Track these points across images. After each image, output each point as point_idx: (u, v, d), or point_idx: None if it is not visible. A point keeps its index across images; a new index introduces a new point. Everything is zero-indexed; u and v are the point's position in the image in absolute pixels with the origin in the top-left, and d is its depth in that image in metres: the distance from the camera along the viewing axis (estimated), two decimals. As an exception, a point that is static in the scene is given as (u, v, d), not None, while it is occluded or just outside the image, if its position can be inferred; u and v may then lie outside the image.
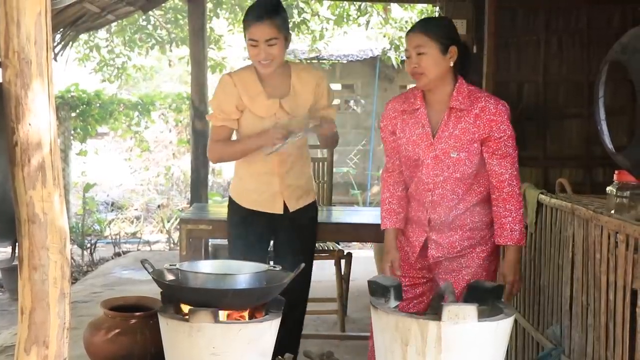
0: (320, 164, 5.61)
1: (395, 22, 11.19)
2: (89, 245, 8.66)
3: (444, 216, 3.25)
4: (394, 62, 11.46)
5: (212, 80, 10.18)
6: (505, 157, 3.17)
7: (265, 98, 3.62)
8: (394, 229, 3.41)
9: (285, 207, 3.72)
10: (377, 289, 2.89)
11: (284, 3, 3.53)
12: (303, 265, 3.08)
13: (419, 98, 3.26)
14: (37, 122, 2.15)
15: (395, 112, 3.35)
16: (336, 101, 13.22)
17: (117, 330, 3.19)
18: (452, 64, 3.17)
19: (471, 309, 2.59)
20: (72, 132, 10.98)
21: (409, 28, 3.36)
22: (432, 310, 2.86)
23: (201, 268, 3.05)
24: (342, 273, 5.09)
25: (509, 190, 3.17)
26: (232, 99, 3.62)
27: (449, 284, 2.93)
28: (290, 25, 9.42)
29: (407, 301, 3.36)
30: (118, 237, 9.34)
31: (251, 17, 3.51)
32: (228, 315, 2.90)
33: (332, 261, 5.06)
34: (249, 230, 3.75)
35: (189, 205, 8.14)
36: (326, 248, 5.17)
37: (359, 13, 10.54)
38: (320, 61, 12.36)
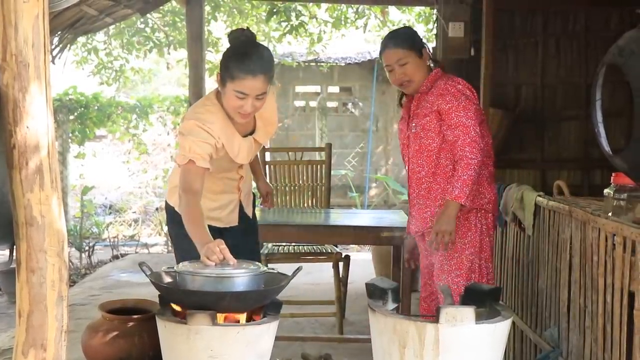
0: (318, 166, 5.61)
1: (393, 25, 11.17)
2: (87, 248, 8.65)
3: (417, 189, 3.55)
4: (392, 65, 11.45)
5: (210, 83, 10.17)
6: (457, 126, 3.36)
7: (240, 138, 3.34)
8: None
9: (240, 216, 3.58)
10: (375, 292, 2.89)
11: (281, 6, 3.48)
12: (301, 267, 3.09)
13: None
14: (35, 124, 2.15)
15: (404, 113, 3.72)
16: (334, 103, 13.24)
17: (115, 333, 3.19)
18: (428, 63, 3.55)
19: (469, 311, 2.59)
20: (70, 134, 10.97)
21: (380, 47, 3.64)
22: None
23: (199, 269, 3.04)
24: (340, 275, 5.09)
25: (460, 155, 3.34)
26: (209, 147, 3.20)
27: (445, 286, 2.93)
28: (288, 28, 9.48)
29: (426, 299, 3.65)
30: (116, 239, 9.33)
31: (243, 71, 3.06)
32: (226, 318, 2.90)
33: (330, 264, 5.07)
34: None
35: (187, 208, 8.12)
36: (324, 251, 5.18)
37: (356, 16, 10.54)
38: (318, 64, 12.36)
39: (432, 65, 3.58)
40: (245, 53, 3.11)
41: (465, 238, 3.44)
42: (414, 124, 3.52)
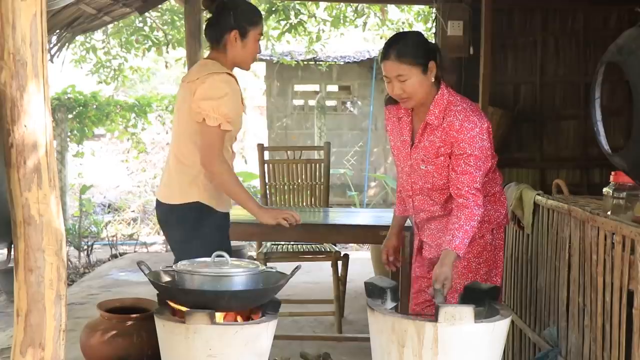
0: (317, 165, 5.61)
1: (392, 24, 11.18)
2: (85, 247, 8.65)
3: (428, 220, 3.33)
4: (391, 64, 11.45)
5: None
6: (464, 174, 3.10)
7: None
8: (398, 216, 3.58)
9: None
10: (373, 291, 2.89)
11: (280, 5, 3.51)
12: (300, 266, 3.09)
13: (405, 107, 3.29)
14: (33, 123, 2.14)
15: (391, 114, 3.40)
16: (333, 102, 13.23)
17: (113, 332, 3.18)
18: (433, 79, 3.15)
19: (468, 311, 2.59)
20: (69, 133, 10.97)
21: (381, 52, 3.29)
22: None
23: (198, 267, 3.04)
24: (339, 274, 5.09)
25: (462, 202, 3.08)
26: (241, 109, 3.45)
27: (439, 290, 2.91)
28: (287, 26, 9.47)
29: (421, 305, 3.44)
30: (115, 238, 9.32)
31: (259, 14, 3.58)
32: (224, 317, 2.90)
33: (329, 262, 5.06)
34: (225, 234, 3.59)
35: (185, 207, 8.12)
36: (323, 249, 5.17)
37: (355, 15, 10.52)
38: (317, 63, 12.36)
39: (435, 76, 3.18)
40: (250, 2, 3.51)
41: (481, 257, 3.27)
42: (423, 166, 3.20)
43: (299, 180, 5.62)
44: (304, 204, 5.60)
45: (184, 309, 2.84)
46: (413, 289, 3.54)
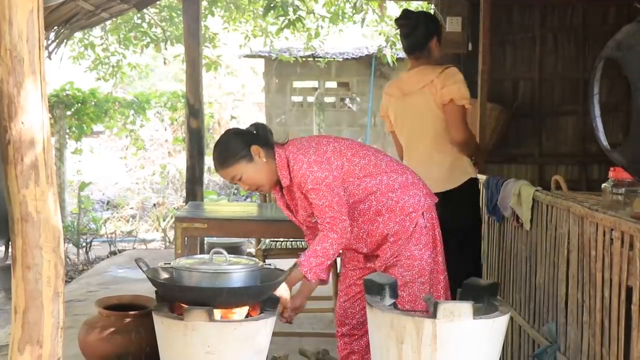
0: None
1: (391, 20, 11.17)
2: (84, 244, 8.65)
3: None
4: (390, 60, 11.46)
5: (207, 79, 10.16)
6: (315, 207, 3.23)
7: None
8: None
9: None
10: (372, 287, 2.89)
11: (278, 1, 3.51)
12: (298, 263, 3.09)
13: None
14: (30, 120, 2.14)
15: (277, 198, 3.54)
16: (331, 99, 13.23)
17: (111, 329, 3.19)
18: (264, 158, 3.25)
19: (466, 307, 2.59)
20: (67, 130, 10.96)
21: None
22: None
23: (196, 264, 3.04)
24: (338, 271, 5.08)
25: (320, 229, 3.24)
26: None
27: (429, 296, 2.90)
28: (286, 23, 9.45)
29: (351, 300, 3.54)
30: (113, 235, 9.32)
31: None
32: (223, 314, 2.90)
33: (328, 259, 5.05)
34: None
35: (184, 204, 8.13)
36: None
37: (354, 11, 10.52)
38: (316, 59, 12.35)
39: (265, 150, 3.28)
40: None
41: (420, 242, 3.34)
42: (314, 219, 3.35)
43: (298, 177, 5.60)
44: (303, 200, 5.58)
45: (182, 306, 2.84)
46: (343, 283, 3.58)
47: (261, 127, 3.35)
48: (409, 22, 4.13)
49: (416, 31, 4.12)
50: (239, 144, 3.25)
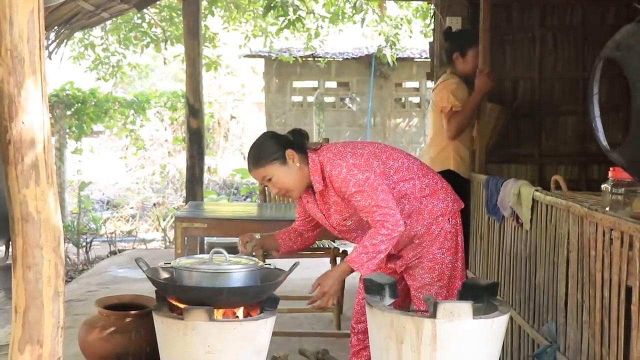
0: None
1: (391, 20, 11.18)
2: (84, 243, 8.65)
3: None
4: (390, 60, 11.46)
5: (207, 79, 10.16)
6: (361, 210, 3.24)
7: None
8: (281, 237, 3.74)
9: None
10: (372, 287, 2.89)
11: (278, 1, 3.52)
12: (299, 262, 3.09)
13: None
14: (30, 120, 2.14)
15: (300, 204, 3.60)
16: (331, 99, 13.23)
17: (112, 329, 3.19)
18: (297, 163, 3.27)
19: (466, 307, 2.59)
20: (67, 130, 10.96)
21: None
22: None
23: (196, 264, 3.04)
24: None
25: (372, 224, 3.23)
26: None
27: (429, 296, 2.91)
28: (285, 23, 9.46)
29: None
30: (114, 235, 9.32)
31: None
32: (223, 314, 2.90)
33: (328, 259, 5.06)
34: None
35: (184, 204, 8.14)
36: (322, 246, 5.17)
37: (354, 11, 10.52)
38: (316, 59, 12.35)
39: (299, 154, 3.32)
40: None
41: (444, 247, 3.37)
42: (349, 222, 3.39)
43: (298, 177, 5.60)
44: (303, 200, 5.59)
45: (182, 305, 2.84)
46: (362, 282, 3.59)
47: (298, 133, 3.41)
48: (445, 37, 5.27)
49: (445, 45, 5.20)
50: (274, 145, 3.30)
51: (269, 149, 3.29)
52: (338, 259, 5.07)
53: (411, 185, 3.35)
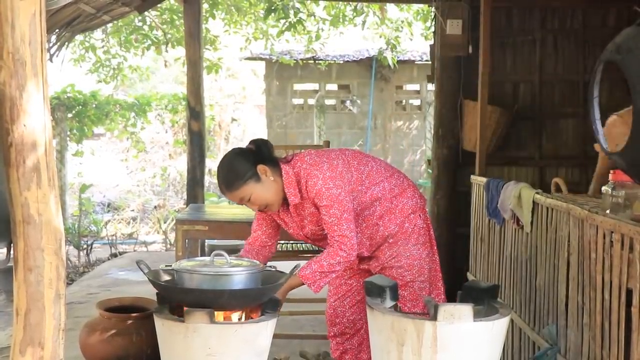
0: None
1: (392, 23, 11.19)
2: (85, 246, 8.66)
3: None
4: (390, 62, 11.46)
5: (208, 81, 10.16)
6: (327, 225, 3.24)
7: None
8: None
9: None
10: (373, 289, 2.89)
11: (279, 4, 3.50)
12: (299, 265, 3.10)
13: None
14: (32, 123, 2.14)
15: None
16: (332, 101, 13.23)
17: (112, 331, 3.19)
18: (271, 177, 3.21)
19: (467, 309, 2.59)
20: (68, 133, 10.98)
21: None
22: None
23: (197, 266, 3.04)
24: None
25: (330, 244, 3.25)
26: None
27: (429, 298, 2.91)
28: (286, 25, 9.46)
29: (341, 299, 3.59)
30: (114, 237, 9.33)
31: None
32: (224, 316, 2.90)
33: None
34: None
35: (185, 206, 8.14)
36: (322, 248, 5.16)
37: (355, 13, 10.53)
38: (316, 62, 12.36)
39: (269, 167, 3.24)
40: None
41: (419, 242, 3.40)
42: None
43: (298, 179, 5.60)
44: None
45: (183, 308, 2.84)
46: (333, 284, 3.64)
47: (262, 144, 3.29)
48: None
49: None
50: (244, 164, 3.19)
51: (239, 168, 3.18)
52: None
53: (381, 187, 3.37)
